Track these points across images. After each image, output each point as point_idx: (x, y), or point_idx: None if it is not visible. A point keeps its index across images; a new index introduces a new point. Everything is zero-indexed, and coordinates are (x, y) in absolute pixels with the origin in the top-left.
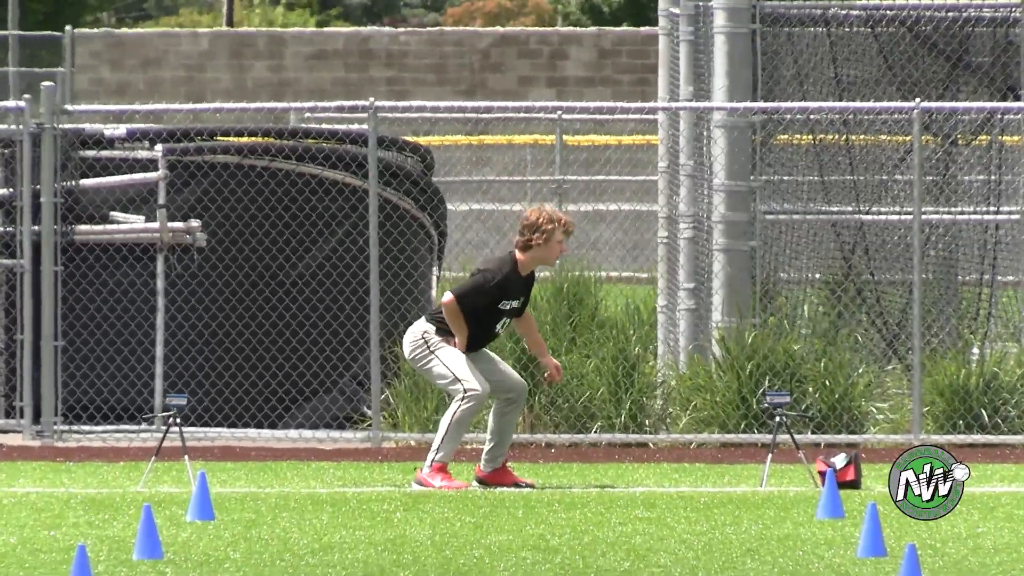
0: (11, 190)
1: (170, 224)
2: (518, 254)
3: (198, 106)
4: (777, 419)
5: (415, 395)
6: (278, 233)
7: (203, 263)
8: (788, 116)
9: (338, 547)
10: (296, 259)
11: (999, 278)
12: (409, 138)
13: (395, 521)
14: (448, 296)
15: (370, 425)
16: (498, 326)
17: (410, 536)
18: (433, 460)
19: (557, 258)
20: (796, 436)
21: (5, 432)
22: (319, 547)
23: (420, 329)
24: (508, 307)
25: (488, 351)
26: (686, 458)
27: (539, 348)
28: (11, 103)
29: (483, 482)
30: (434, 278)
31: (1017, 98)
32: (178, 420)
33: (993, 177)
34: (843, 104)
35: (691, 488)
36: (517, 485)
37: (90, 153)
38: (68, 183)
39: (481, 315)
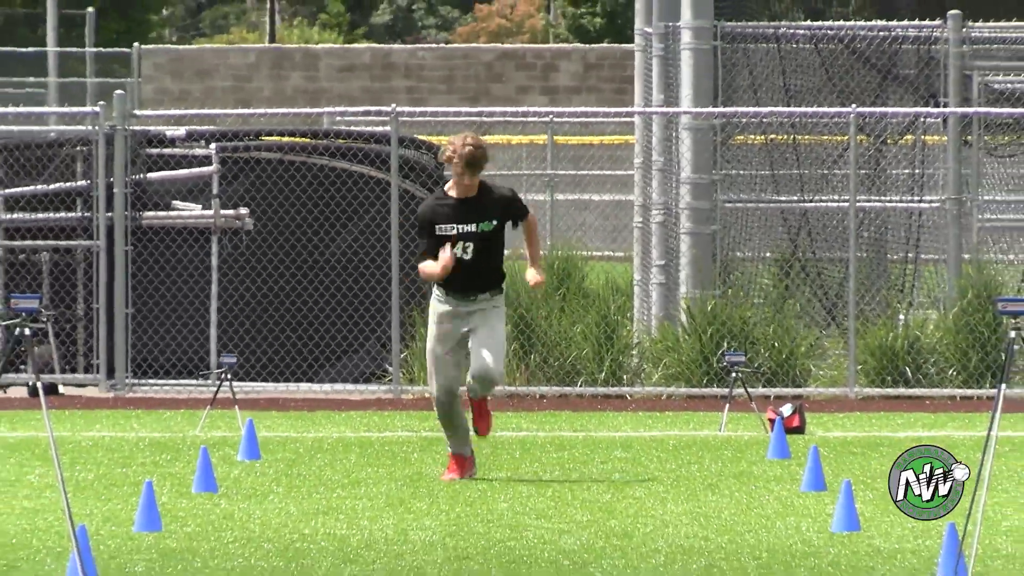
0: (88, 182)
1: (222, 211)
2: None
3: (245, 111)
4: (734, 375)
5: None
6: (314, 219)
7: (250, 244)
8: (744, 119)
9: (364, 482)
10: (329, 240)
11: (922, 256)
12: (424, 138)
13: (412, 460)
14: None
15: (391, 380)
16: (456, 250)
17: (425, 473)
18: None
19: (462, 187)
20: (750, 389)
21: (84, 385)
22: (348, 482)
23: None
24: (453, 231)
25: (487, 328)
26: (657, 408)
27: (529, 255)
28: (88, 109)
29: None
30: None
31: (937, 104)
32: (229, 375)
33: (917, 171)
34: (790, 109)
35: (661, 433)
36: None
37: (154, 151)
38: (136, 176)
39: (434, 244)
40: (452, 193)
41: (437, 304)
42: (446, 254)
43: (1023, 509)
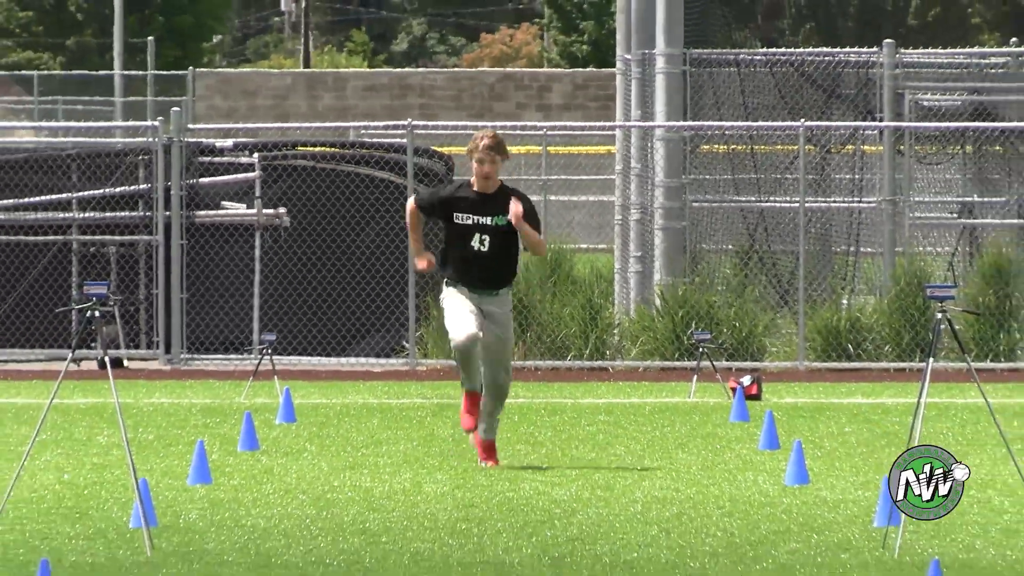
0: (149, 185)
1: (263, 210)
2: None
3: (283, 125)
4: (701, 350)
5: (440, 333)
6: (341, 217)
7: (287, 239)
8: (709, 132)
9: (385, 442)
10: (354, 235)
11: (861, 249)
12: (435, 148)
13: (426, 424)
14: (409, 202)
15: (407, 354)
16: (473, 242)
17: (436, 434)
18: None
19: (484, 176)
20: (714, 362)
21: (145, 359)
22: (371, 442)
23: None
24: (471, 221)
25: (499, 338)
26: (635, 379)
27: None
28: (149, 123)
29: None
30: None
31: (874, 119)
32: (269, 351)
33: (857, 176)
34: (748, 123)
35: (639, 400)
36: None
37: (205, 159)
38: (190, 180)
39: (448, 230)
40: (474, 187)
41: (454, 291)
42: (423, 263)
43: (996, 492)
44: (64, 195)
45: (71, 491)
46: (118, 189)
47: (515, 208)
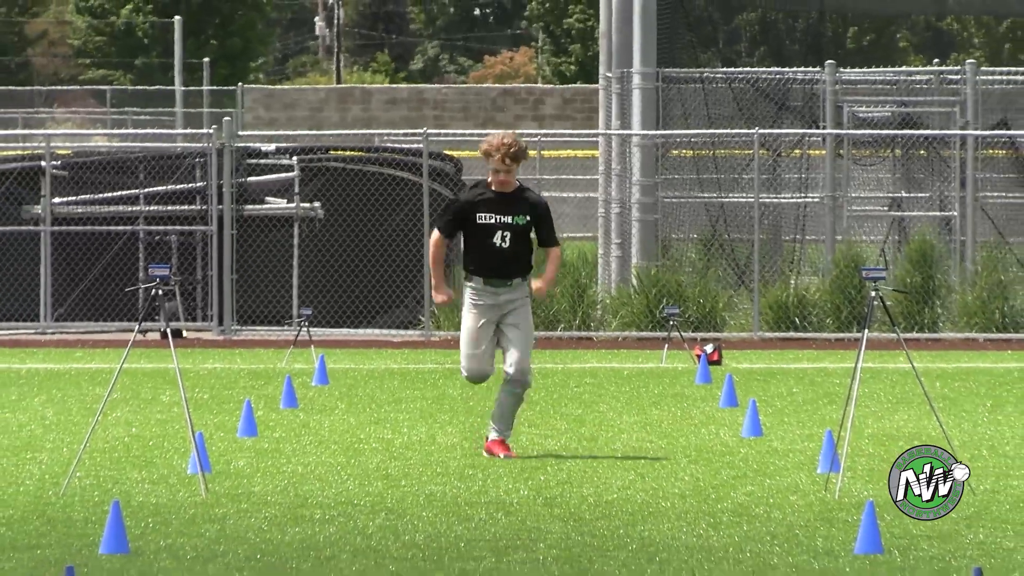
0: (204, 183)
1: (301, 204)
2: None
3: (318, 132)
4: (671, 323)
5: (452, 307)
6: (367, 210)
7: (321, 228)
8: (678, 139)
9: (403, 400)
10: (377, 225)
11: (807, 238)
12: (447, 152)
13: (438, 385)
14: (434, 233)
15: (423, 326)
16: (495, 239)
17: (447, 394)
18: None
19: (500, 183)
20: (682, 333)
21: (201, 330)
22: (392, 400)
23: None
24: (493, 220)
25: (516, 327)
26: (615, 347)
27: (545, 277)
28: (205, 131)
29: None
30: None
31: (818, 127)
32: (306, 323)
33: (803, 175)
34: (711, 131)
35: (619, 365)
36: (491, 452)
37: (252, 161)
38: (239, 180)
39: (469, 230)
40: (492, 188)
41: (471, 298)
42: (443, 297)
43: (879, 420)
44: (133, 191)
45: (138, 443)
46: (178, 187)
47: (538, 286)
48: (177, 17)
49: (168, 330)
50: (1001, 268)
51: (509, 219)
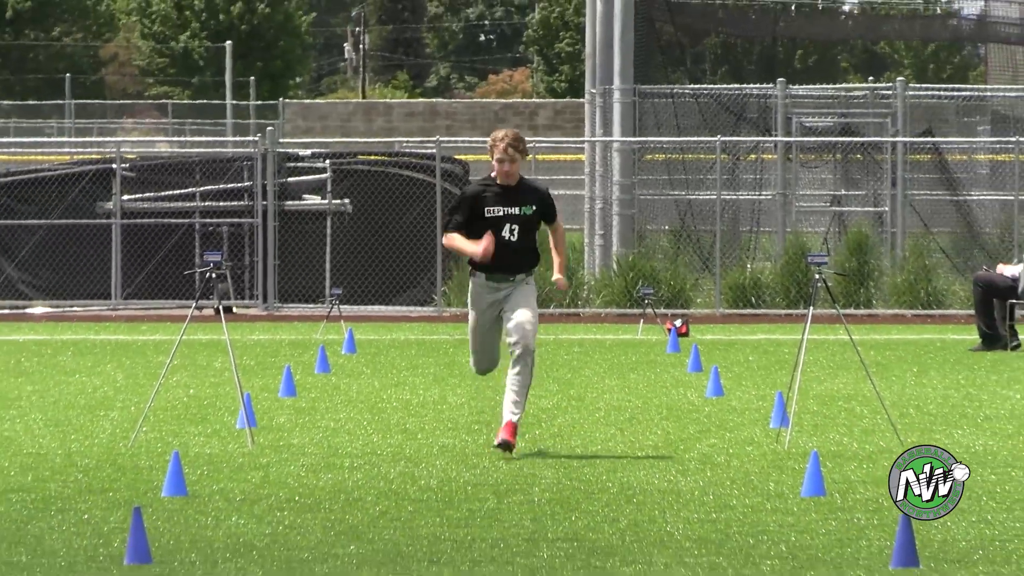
0: (251, 183)
1: (333, 201)
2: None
3: (347, 140)
4: (645, 301)
5: (461, 287)
6: (388, 205)
7: (350, 220)
8: (652, 145)
9: (419, 366)
10: (397, 218)
11: (761, 229)
12: (456, 156)
13: (449, 354)
14: (446, 237)
15: (436, 304)
16: (503, 232)
17: (457, 361)
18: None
19: (505, 173)
20: (655, 310)
21: (248, 307)
22: (410, 366)
23: None
24: (501, 212)
25: (521, 302)
26: (598, 321)
27: (556, 264)
28: (251, 139)
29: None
30: None
31: (770, 135)
32: (337, 300)
33: (758, 176)
34: (680, 139)
35: (601, 337)
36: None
37: (291, 164)
38: (280, 180)
39: (477, 224)
40: (498, 181)
41: (476, 292)
42: (488, 242)
43: (822, 383)
44: (190, 190)
45: (194, 402)
46: (229, 186)
47: (561, 281)
48: (228, 42)
49: (220, 307)
50: (925, 255)
51: (516, 210)
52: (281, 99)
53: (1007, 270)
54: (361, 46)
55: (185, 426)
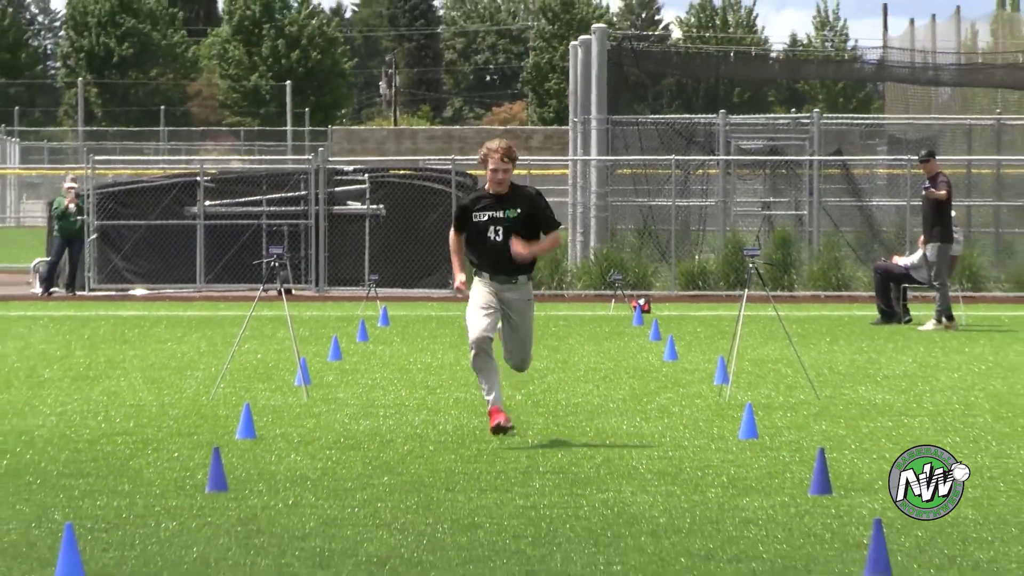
0: (306, 192)
1: (371, 206)
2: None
3: (382, 158)
4: (616, 284)
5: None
6: (414, 208)
7: (384, 222)
8: (621, 163)
9: (439, 336)
10: (421, 219)
11: (707, 228)
12: (468, 172)
13: (462, 326)
14: (451, 232)
15: (452, 287)
16: (488, 234)
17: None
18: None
19: (498, 182)
20: (624, 291)
21: (303, 289)
22: (431, 336)
23: None
24: (486, 217)
25: (518, 328)
26: (579, 300)
27: (535, 243)
28: (307, 157)
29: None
30: None
31: (714, 154)
32: (374, 284)
33: (704, 187)
34: (643, 157)
35: (581, 312)
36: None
37: (338, 177)
38: (329, 190)
39: (470, 229)
40: (489, 191)
41: (479, 284)
42: (458, 283)
43: (755, 349)
44: (258, 197)
45: (262, 364)
46: (289, 194)
47: (516, 249)
48: (288, 82)
49: (281, 289)
50: (835, 248)
51: (500, 214)
52: (330, 126)
53: (901, 260)
54: (393, 85)
55: (254, 383)
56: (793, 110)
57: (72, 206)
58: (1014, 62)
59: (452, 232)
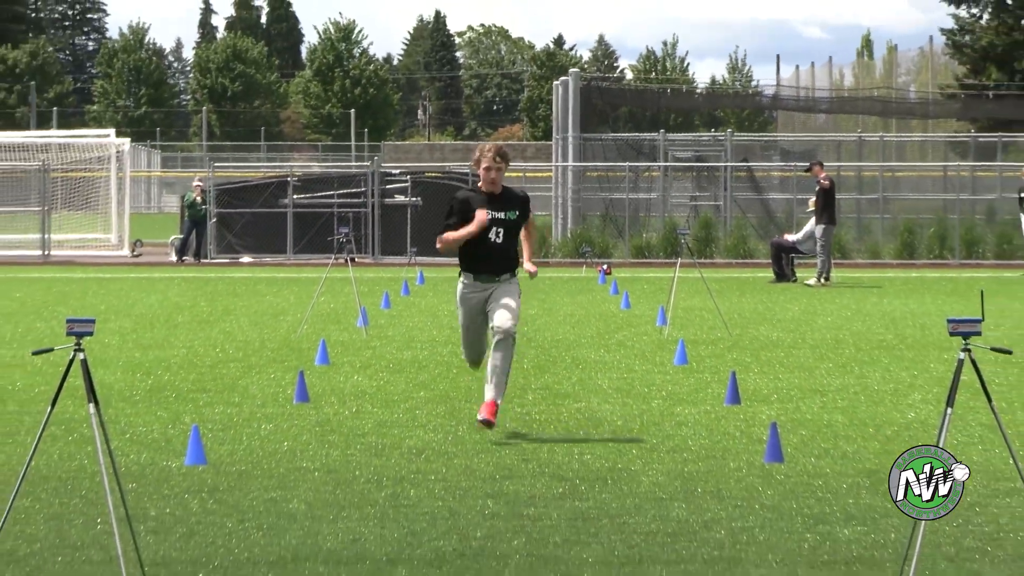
0: (365, 188)
1: (411, 199)
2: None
3: (419, 165)
4: (586, 254)
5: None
6: (442, 201)
7: (420, 211)
8: (590, 168)
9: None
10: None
11: (651, 215)
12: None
13: None
14: (438, 240)
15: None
16: (490, 234)
17: None
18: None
19: (491, 180)
20: (592, 260)
21: (363, 258)
22: (451, 297)
23: None
24: (489, 217)
25: (504, 295)
26: (560, 266)
27: (526, 253)
28: (366, 164)
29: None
30: None
31: (656, 162)
32: (415, 254)
33: (649, 185)
34: (606, 164)
35: (561, 275)
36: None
37: (388, 177)
38: (381, 187)
39: (466, 222)
40: (483, 191)
41: (462, 291)
42: (482, 213)
43: (686, 300)
44: (331, 192)
45: (332, 312)
46: (353, 190)
47: (532, 269)
48: (352, 110)
49: (347, 258)
50: (743, 229)
51: (502, 215)
52: (382, 141)
53: (790, 237)
54: (427, 112)
55: (328, 325)
56: (713, 130)
57: (198, 198)
58: (869, 95)
59: (440, 237)
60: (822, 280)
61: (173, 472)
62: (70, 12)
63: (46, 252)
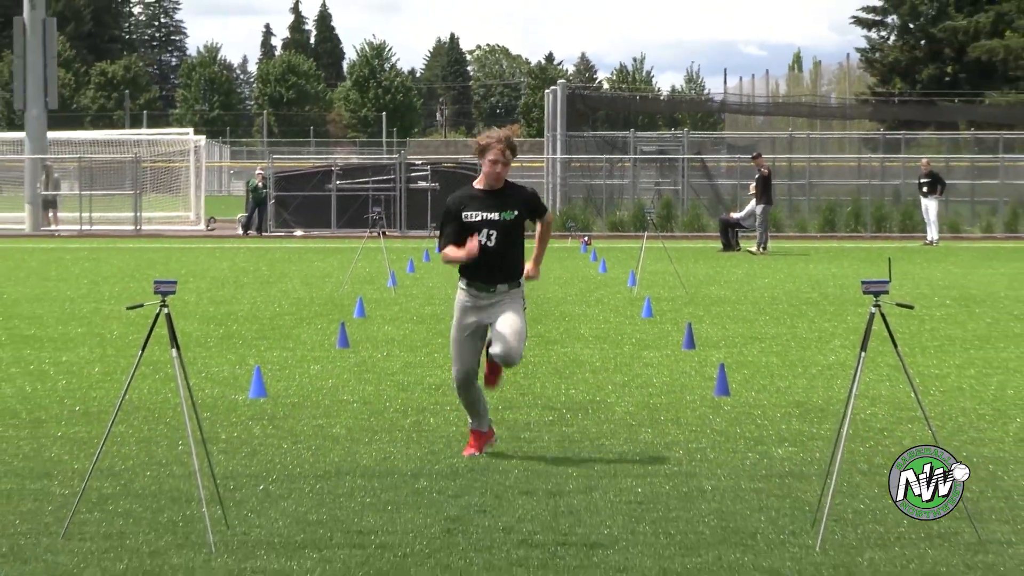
0: (394, 175)
1: (431, 184)
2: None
3: (438, 157)
4: (571, 228)
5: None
6: (455, 186)
7: (438, 193)
8: (575, 160)
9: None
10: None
11: (623, 197)
12: None
13: None
14: (440, 255)
15: None
16: (480, 237)
17: None
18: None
19: (495, 175)
20: (576, 233)
21: (392, 231)
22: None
23: None
24: (479, 217)
25: (508, 313)
26: (553, 240)
27: (535, 254)
28: (395, 156)
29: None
30: None
31: (627, 154)
32: (435, 229)
33: (621, 173)
34: (587, 156)
35: (550, 247)
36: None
37: (412, 167)
38: (407, 175)
39: (460, 228)
40: (480, 186)
41: (460, 298)
42: (472, 242)
43: (652, 265)
44: (367, 179)
45: (368, 276)
46: (384, 177)
47: (531, 272)
48: (383, 113)
49: (380, 232)
50: (697, 208)
51: (496, 215)
52: (408, 138)
53: (735, 215)
54: (444, 115)
55: (363, 285)
56: (673, 129)
57: (260, 183)
58: (799, 101)
59: (442, 253)
60: (761, 250)
61: (239, 404)
62: (157, 34)
63: (138, 227)
